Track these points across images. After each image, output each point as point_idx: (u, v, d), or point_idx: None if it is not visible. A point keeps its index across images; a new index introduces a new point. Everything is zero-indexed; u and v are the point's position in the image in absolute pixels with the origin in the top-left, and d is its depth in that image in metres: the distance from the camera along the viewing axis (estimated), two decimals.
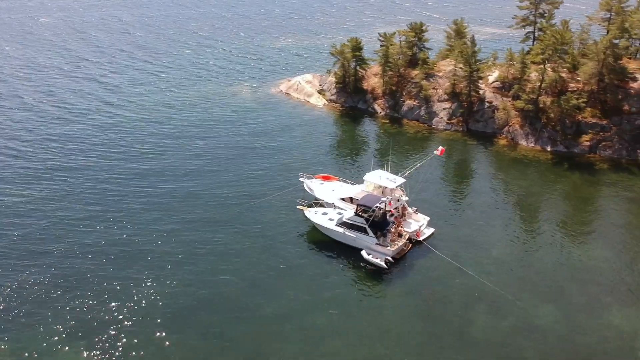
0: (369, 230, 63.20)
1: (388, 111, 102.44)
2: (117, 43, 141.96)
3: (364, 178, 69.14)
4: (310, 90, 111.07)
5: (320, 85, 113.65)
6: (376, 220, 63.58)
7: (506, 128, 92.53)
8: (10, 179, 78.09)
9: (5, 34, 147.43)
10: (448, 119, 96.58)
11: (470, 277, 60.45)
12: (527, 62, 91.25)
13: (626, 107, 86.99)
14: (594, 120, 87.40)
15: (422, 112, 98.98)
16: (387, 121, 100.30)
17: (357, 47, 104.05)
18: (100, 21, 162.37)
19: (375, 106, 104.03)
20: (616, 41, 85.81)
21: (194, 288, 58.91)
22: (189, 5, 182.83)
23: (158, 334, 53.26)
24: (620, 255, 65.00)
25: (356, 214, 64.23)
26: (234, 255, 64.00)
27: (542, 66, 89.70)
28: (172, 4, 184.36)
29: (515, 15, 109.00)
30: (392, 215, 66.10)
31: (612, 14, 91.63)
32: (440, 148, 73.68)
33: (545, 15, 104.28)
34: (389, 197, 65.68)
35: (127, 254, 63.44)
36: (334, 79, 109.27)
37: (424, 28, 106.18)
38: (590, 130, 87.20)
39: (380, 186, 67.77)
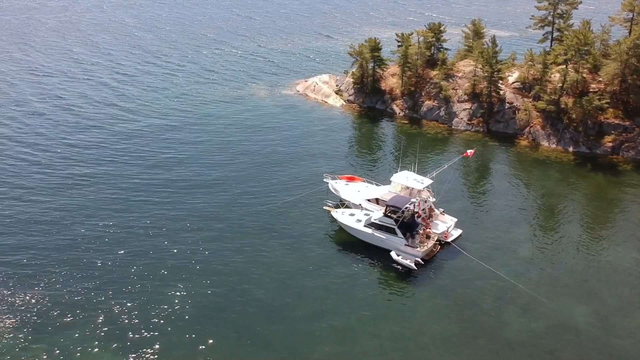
0: (398, 231, 63.07)
1: (407, 112, 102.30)
2: (124, 46, 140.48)
3: (390, 179, 69.03)
4: (327, 90, 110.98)
5: (337, 85, 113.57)
6: (405, 222, 63.49)
7: (527, 129, 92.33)
8: (33, 186, 76.80)
9: (13, 37, 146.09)
10: (468, 120, 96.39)
11: (500, 279, 60.35)
12: (548, 63, 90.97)
13: None
14: (616, 121, 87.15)
15: (442, 113, 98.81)
16: (407, 122, 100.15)
17: (375, 48, 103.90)
18: (106, 23, 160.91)
19: (394, 107, 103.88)
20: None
21: (224, 290, 58.84)
22: (191, 6, 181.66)
23: (192, 336, 53.23)
24: None
25: (385, 214, 64.09)
26: (262, 257, 63.92)
27: (564, 67, 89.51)
28: (174, 5, 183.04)
29: (532, 16, 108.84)
30: (419, 216, 65.99)
31: (635, 14, 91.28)
32: (471, 150, 73.86)
33: (564, 15, 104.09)
34: (417, 198, 65.57)
35: (157, 259, 63.09)
36: (352, 80, 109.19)
37: (442, 28, 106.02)
38: (612, 131, 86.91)
39: (408, 187, 67.67)
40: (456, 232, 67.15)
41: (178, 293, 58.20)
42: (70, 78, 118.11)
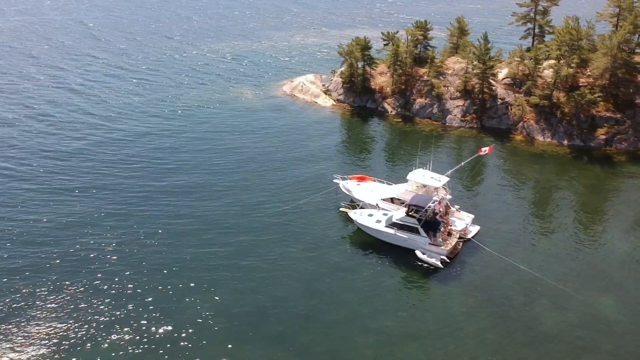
0: (421, 230, 62.91)
1: (399, 110, 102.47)
2: (90, 50, 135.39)
3: (407, 177, 68.75)
4: (316, 91, 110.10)
5: (324, 85, 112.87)
6: (428, 220, 63.36)
7: (520, 124, 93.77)
8: (22, 202, 73.66)
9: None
10: (462, 116, 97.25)
11: (525, 273, 60.96)
12: (540, 59, 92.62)
13: (638, 101, 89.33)
14: (608, 114, 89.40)
15: (435, 110, 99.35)
16: (400, 120, 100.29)
17: (365, 47, 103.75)
18: (68, 26, 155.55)
19: (385, 105, 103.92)
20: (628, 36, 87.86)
21: (254, 299, 57.56)
22: (155, 7, 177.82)
23: (228, 346, 51.91)
24: None
25: (407, 214, 63.79)
26: (284, 263, 62.75)
27: (555, 62, 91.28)
28: (141, 6, 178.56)
29: (514, 13, 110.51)
30: (437, 214, 66.01)
31: (621, 9, 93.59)
32: (488, 147, 74.46)
33: (545, 12, 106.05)
34: (439, 196, 65.56)
35: (178, 271, 61.17)
36: (341, 79, 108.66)
37: (428, 26, 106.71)
38: (605, 124, 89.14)
39: (425, 185, 67.57)
40: (474, 229, 67.50)
41: (207, 305, 56.59)
42: (38, 86, 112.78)
